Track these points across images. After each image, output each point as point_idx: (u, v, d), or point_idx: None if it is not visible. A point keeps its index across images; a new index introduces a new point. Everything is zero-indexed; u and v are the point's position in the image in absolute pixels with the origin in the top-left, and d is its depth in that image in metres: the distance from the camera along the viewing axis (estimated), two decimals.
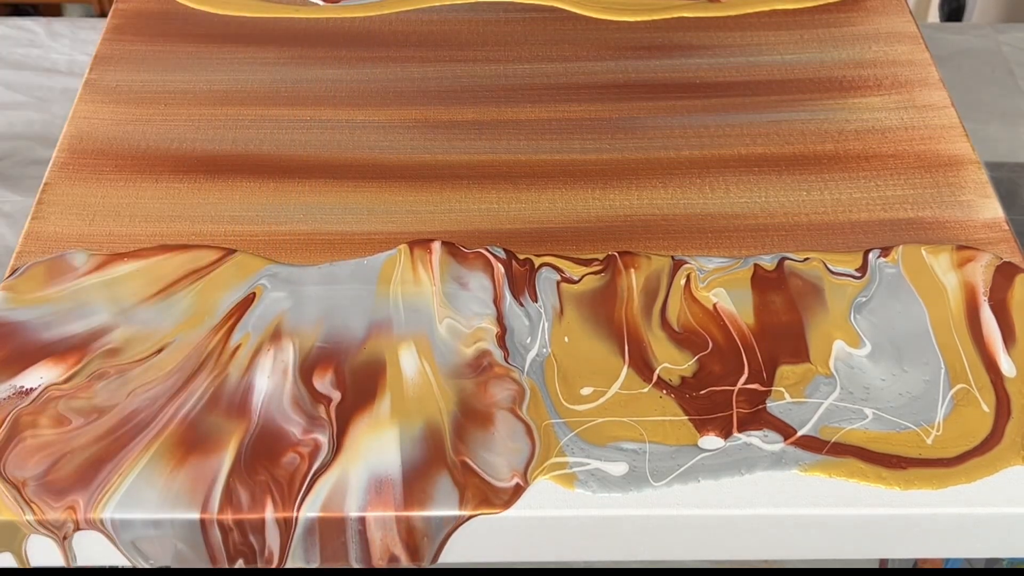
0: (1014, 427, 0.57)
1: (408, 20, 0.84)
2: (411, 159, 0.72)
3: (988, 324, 0.62)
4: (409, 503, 0.54)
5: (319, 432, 0.57)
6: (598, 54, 0.81)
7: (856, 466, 0.55)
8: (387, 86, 0.78)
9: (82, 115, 0.75)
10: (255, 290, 0.64)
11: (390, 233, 0.67)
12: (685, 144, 0.73)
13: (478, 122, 0.75)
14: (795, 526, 0.55)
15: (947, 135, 0.74)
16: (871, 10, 0.85)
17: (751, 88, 0.78)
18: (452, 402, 0.58)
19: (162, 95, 0.77)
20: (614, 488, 0.55)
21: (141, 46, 0.81)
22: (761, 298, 0.63)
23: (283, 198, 0.69)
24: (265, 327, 0.62)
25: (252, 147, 0.73)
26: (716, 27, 0.83)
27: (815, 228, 0.68)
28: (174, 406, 0.58)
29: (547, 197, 0.70)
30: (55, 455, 0.56)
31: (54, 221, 0.68)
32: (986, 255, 0.66)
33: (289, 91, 0.77)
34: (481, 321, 0.62)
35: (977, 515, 0.54)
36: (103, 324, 0.62)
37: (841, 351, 0.61)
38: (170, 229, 0.67)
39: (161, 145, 0.73)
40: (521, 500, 0.54)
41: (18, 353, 0.60)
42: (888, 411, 0.58)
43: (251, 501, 0.54)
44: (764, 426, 0.57)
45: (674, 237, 0.67)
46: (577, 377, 0.59)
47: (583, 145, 0.73)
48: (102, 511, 0.53)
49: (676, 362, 0.60)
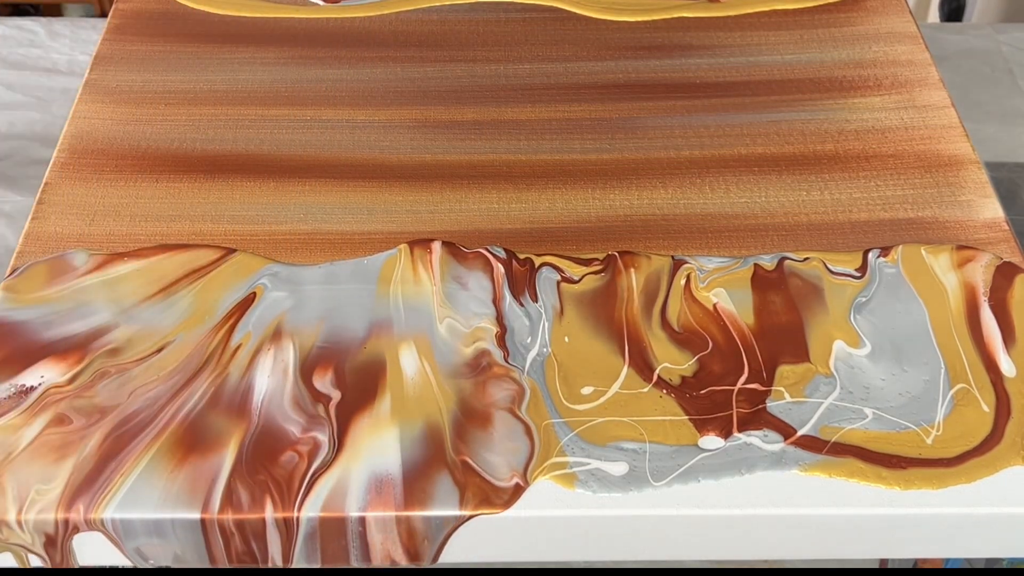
0: (1014, 427, 0.57)
1: (408, 20, 0.84)
2: (411, 159, 0.72)
3: (988, 324, 0.62)
4: (409, 503, 0.54)
5: (319, 432, 0.57)
6: (598, 54, 0.81)
7: (856, 466, 0.55)
8: (387, 86, 0.78)
9: (82, 115, 0.75)
10: (255, 290, 0.64)
11: (390, 233, 0.67)
12: (685, 144, 0.73)
13: (478, 122, 0.75)
14: (795, 526, 0.55)
15: (947, 135, 0.74)
16: (871, 10, 0.85)
17: (751, 88, 0.78)
18: (452, 402, 0.58)
19: (162, 95, 0.77)
20: (614, 488, 0.55)
21: (141, 46, 0.81)
22: (761, 298, 0.63)
23: (283, 198, 0.69)
24: (265, 327, 0.62)
25: (252, 147, 0.73)
26: (716, 27, 0.83)
27: (815, 228, 0.68)
28: (175, 406, 0.58)
29: (547, 197, 0.70)
30: (56, 455, 0.56)
31: (54, 221, 0.68)
32: (986, 255, 0.66)
33: (289, 91, 0.77)
34: (481, 321, 0.62)
35: (977, 515, 0.54)
36: (103, 324, 0.62)
37: (841, 351, 0.61)
38: (170, 229, 0.67)
39: (161, 145, 0.73)
40: (521, 500, 0.54)
41: (18, 353, 0.60)
42: (888, 411, 0.58)
43: (251, 501, 0.54)
44: (764, 426, 0.57)
45: (674, 237, 0.67)
46: (577, 377, 0.59)
47: (583, 145, 0.73)
48: (103, 511, 0.53)
49: (676, 362, 0.60)
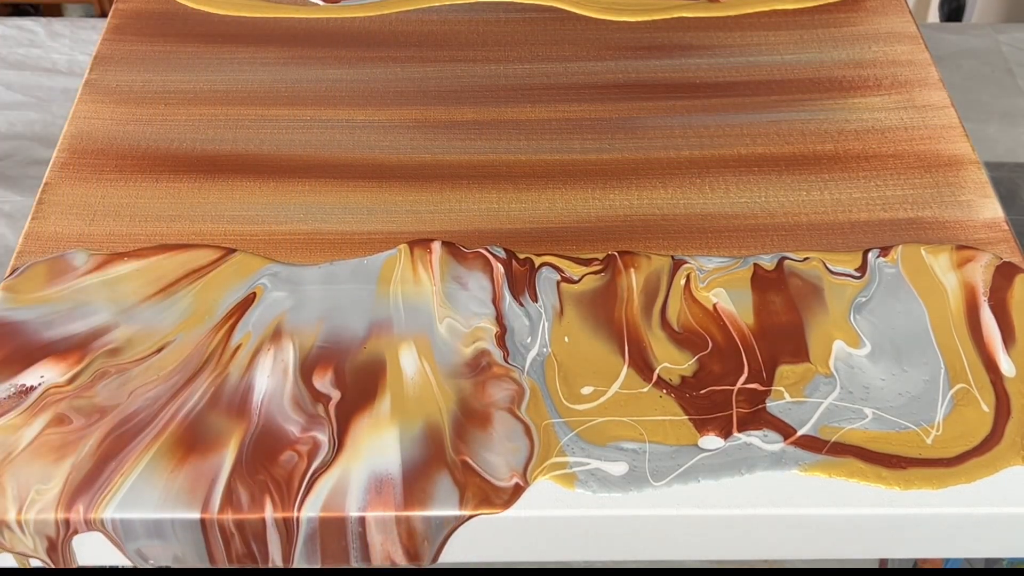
0: (1014, 427, 0.57)
1: (408, 20, 0.84)
2: (411, 159, 0.72)
3: (988, 324, 0.62)
4: (409, 503, 0.54)
5: (319, 432, 0.57)
6: (598, 54, 0.81)
7: (856, 466, 0.55)
8: (387, 86, 0.78)
9: (82, 115, 0.75)
10: (255, 290, 0.64)
11: (390, 233, 0.67)
12: (685, 144, 0.73)
13: (478, 122, 0.75)
14: (795, 526, 0.55)
15: (947, 135, 0.74)
16: (871, 10, 0.85)
17: (751, 88, 0.78)
18: (452, 402, 0.58)
19: (162, 95, 0.77)
20: (614, 488, 0.55)
21: (141, 46, 0.81)
22: (761, 298, 0.63)
23: (283, 198, 0.69)
24: (265, 327, 0.62)
25: (252, 147, 0.73)
26: (716, 27, 0.83)
27: (815, 228, 0.68)
28: (175, 406, 0.58)
29: (547, 197, 0.70)
30: (56, 455, 0.56)
31: (54, 221, 0.68)
32: (986, 255, 0.66)
33: (289, 91, 0.77)
34: (481, 321, 0.62)
35: (977, 515, 0.54)
36: (103, 324, 0.62)
37: (841, 351, 0.61)
38: (170, 229, 0.67)
39: (161, 145, 0.73)
40: (521, 500, 0.54)
41: (18, 353, 0.60)
42: (888, 411, 0.58)
43: (251, 501, 0.54)
44: (764, 426, 0.57)
45: (674, 237, 0.67)
46: (577, 377, 0.59)
47: (583, 145, 0.73)
48: (103, 511, 0.53)
49: (676, 362, 0.60)
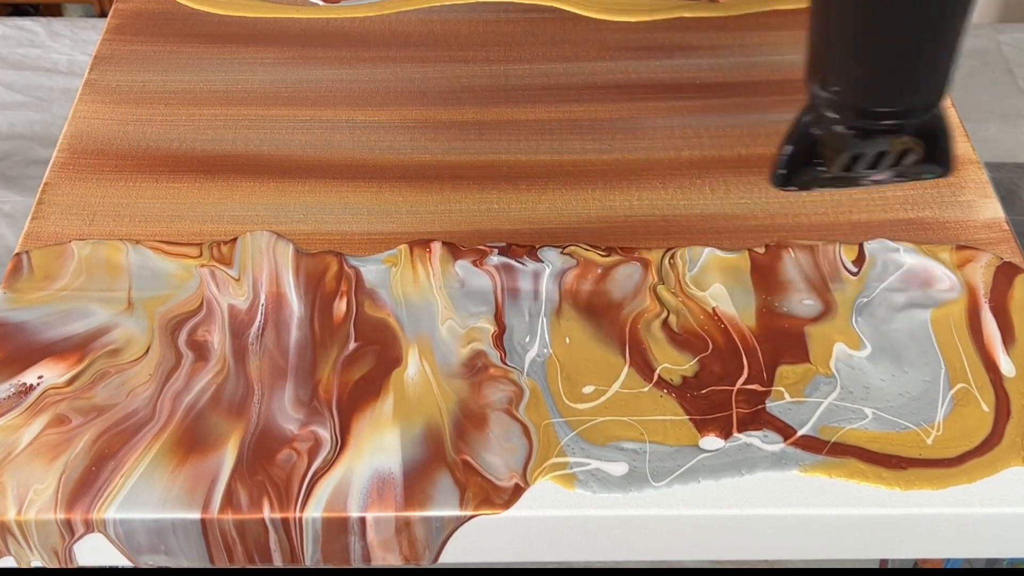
0: (1014, 427, 0.57)
1: (408, 20, 0.84)
2: (411, 159, 0.72)
3: (988, 324, 0.62)
4: (410, 503, 0.54)
5: (320, 432, 0.57)
6: (598, 54, 0.81)
7: (856, 466, 0.55)
8: (387, 86, 0.78)
9: (82, 115, 0.75)
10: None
11: (390, 233, 0.67)
12: (685, 144, 0.73)
13: (478, 122, 0.75)
14: (795, 526, 0.55)
15: None
16: None
17: (751, 88, 0.78)
18: (452, 402, 0.58)
19: (162, 95, 0.77)
20: (614, 488, 0.55)
21: (141, 46, 0.81)
22: (761, 298, 0.63)
23: (283, 198, 0.69)
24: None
25: (252, 147, 0.73)
26: (716, 27, 0.83)
27: (815, 228, 0.68)
28: (174, 406, 0.58)
29: (547, 197, 0.70)
30: (56, 455, 0.55)
31: (54, 221, 0.68)
32: (986, 255, 0.66)
33: (289, 91, 0.77)
34: (480, 321, 0.62)
35: (977, 515, 0.54)
36: (103, 324, 0.62)
37: (841, 351, 0.61)
38: (170, 229, 0.67)
39: (161, 145, 0.73)
40: (521, 500, 0.54)
41: (18, 353, 0.60)
42: (888, 411, 0.58)
43: (251, 501, 0.54)
44: (764, 426, 0.57)
45: (674, 237, 0.67)
46: (578, 377, 0.59)
47: (583, 145, 0.73)
48: (103, 512, 0.53)
49: (676, 362, 0.60)
